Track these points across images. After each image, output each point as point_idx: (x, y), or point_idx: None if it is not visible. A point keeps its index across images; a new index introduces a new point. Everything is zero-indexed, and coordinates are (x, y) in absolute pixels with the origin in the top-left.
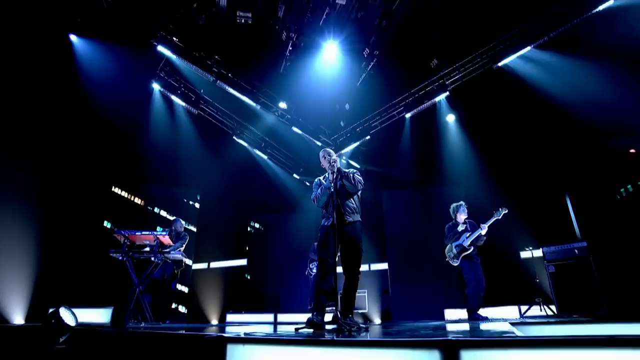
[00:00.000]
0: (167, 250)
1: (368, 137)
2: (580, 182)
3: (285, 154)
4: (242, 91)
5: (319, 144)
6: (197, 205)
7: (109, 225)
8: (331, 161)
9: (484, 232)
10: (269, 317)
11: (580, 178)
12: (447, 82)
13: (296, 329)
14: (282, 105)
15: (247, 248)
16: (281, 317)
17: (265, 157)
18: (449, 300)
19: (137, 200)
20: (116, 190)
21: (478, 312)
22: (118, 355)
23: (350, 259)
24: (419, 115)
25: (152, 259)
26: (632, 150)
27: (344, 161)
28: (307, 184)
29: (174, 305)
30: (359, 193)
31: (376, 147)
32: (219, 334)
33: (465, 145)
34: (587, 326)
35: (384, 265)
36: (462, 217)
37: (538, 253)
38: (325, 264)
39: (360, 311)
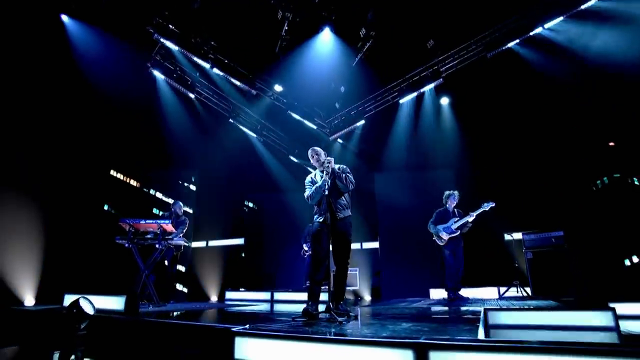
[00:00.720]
0: (170, 237)
1: (362, 122)
2: (561, 172)
3: (281, 136)
4: (238, 77)
5: (314, 127)
6: (192, 187)
7: (106, 208)
8: (325, 162)
9: (471, 219)
10: (266, 295)
11: (562, 168)
12: (441, 70)
13: (293, 318)
14: (278, 88)
15: (243, 228)
16: (277, 296)
17: (260, 139)
18: (434, 281)
19: (133, 183)
20: (112, 172)
21: (459, 292)
22: (133, 340)
23: (341, 252)
24: (413, 101)
25: (157, 245)
26: (611, 144)
27: (340, 141)
28: (303, 164)
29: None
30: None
31: (370, 129)
32: (227, 325)
33: (456, 130)
34: (556, 313)
35: (375, 244)
36: (452, 204)
37: (520, 236)
38: (319, 257)
39: (351, 288)
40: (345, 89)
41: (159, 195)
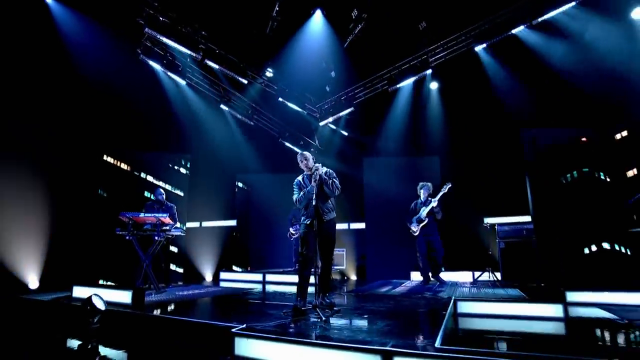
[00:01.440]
0: (168, 227)
1: (352, 109)
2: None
3: (272, 119)
4: (229, 67)
5: (304, 112)
6: (182, 170)
7: (100, 192)
8: (313, 169)
9: (435, 204)
10: (259, 277)
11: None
12: (430, 60)
13: (284, 312)
14: (269, 73)
15: (235, 209)
16: (269, 277)
17: (252, 122)
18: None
19: (124, 166)
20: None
21: (440, 275)
22: (140, 332)
23: (326, 250)
24: (402, 89)
25: (155, 237)
26: (584, 139)
27: (331, 126)
28: (292, 147)
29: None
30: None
31: (360, 115)
32: (228, 324)
33: (443, 118)
34: (516, 305)
35: (362, 225)
36: (425, 195)
37: (497, 220)
38: (307, 257)
39: (339, 268)
40: (336, 74)
41: (150, 178)
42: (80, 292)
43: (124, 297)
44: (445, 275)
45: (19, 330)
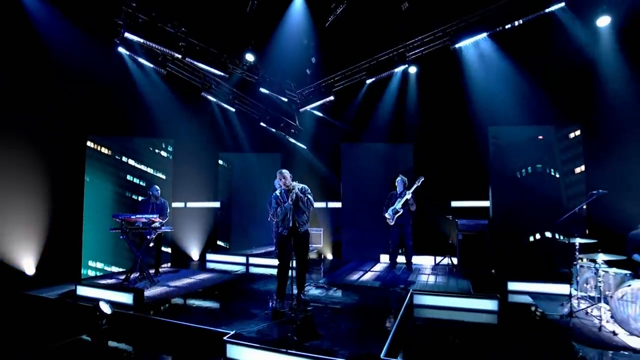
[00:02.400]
0: (157, 225)
1: (331, 97)
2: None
3: (253, 103)
4: (210, 63)
5: (285, 99)
6: (163, 153)
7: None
8: (290, 187)
9: (409, 196)
10: (242, 259)
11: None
12: (407, 55)
13: (266, 313)
14: (250, 57)
15: (217, 190)
16: (252, 260)
17: (233, 109)
18: (385, 246)
19: (105, 150)
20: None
21: (409, 262)
22: (143, 332)
23: (301, 255)
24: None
25: (147, 237)
26: (540, 137)
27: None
28: (273, 130)
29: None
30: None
31: (339, 103)
32: (221, 329)
33: (419, 109)
34: (461, 299)
35: (338, 204)
36: (400, 188)
37: (461, 204)
38: (284, 263)
39: (315, 246)
40: (317, 60)
41: (131, 162)
42: (84, 291)
43: (126, 298)
44: (413, 259)
45: (31, 326)
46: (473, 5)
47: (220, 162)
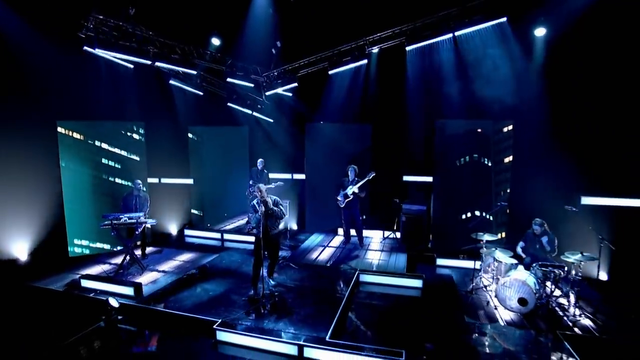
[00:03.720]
0: (143, 220)
1: (296, 84)
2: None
3: (221, 84)
4: (177, 62)
5: (251, 85)
6: (135, 136)
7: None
8: (264, 199)
9: (356, 190)
10: (217, 235)
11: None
12: (366, 49)
13: (243, 300)
14: (216, 41)
15: (189, 167)
16: (227, 236)
17: (201, 93)
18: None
19: (77, 135)
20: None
21: (361, 238)
22: (144, 320)
23: (273, 252)
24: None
25: (136, 232)
26: (479, 130)
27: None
28: (240, 109)
29: None
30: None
31: (303, 85)
32: (210, 318)
33: (377, 92)
34: (396, 279)
35: (302, 176)
36: (352, 175)
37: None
38: (259, 259)
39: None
40: (282, 44)
41: (105, 145)
42: (88, 284)
43: (128, 291)
44: (365, 232)
45: (45, 320)
46: (432, 7)
47: (190, 135)
